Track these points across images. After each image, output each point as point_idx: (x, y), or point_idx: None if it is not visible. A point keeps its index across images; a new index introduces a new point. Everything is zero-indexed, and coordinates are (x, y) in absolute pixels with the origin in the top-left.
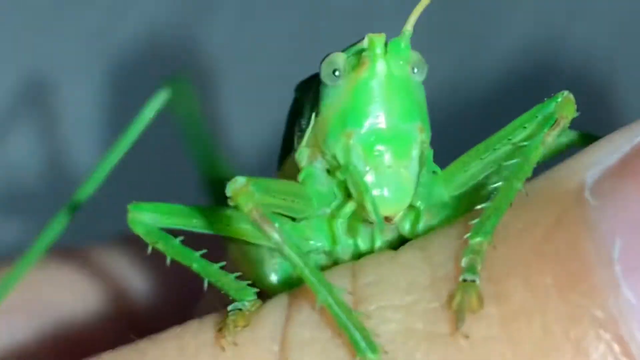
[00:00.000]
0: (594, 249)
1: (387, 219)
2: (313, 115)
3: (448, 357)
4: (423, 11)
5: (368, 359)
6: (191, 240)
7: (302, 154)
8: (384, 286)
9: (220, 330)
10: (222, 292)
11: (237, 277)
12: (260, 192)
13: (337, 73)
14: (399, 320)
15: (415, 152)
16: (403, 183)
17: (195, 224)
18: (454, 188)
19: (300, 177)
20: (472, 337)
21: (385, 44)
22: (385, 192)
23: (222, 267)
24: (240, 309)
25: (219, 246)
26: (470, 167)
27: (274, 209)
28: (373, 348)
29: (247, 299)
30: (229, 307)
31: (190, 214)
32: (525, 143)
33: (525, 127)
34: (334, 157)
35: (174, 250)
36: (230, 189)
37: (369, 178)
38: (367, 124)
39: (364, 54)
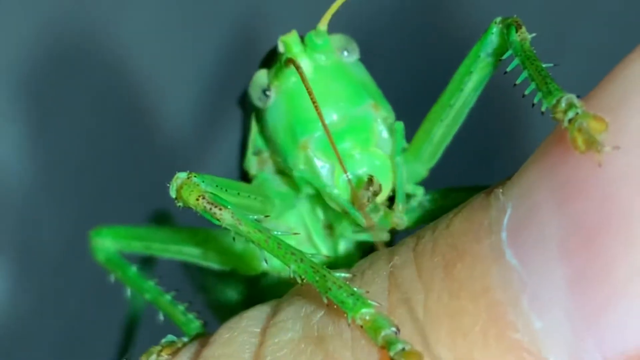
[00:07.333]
0: (486, 221)
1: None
2: (252, 121)
3: (332, 354)
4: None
5: (362, 315)
6: None
7: (250, 162)
8: (298, 296)
9: (143, 355)
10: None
11: (187, 308)
12: (210, 186)
13: (267, 92)
14: (295, 330)
15: (379, 130)
16: (378, 164)
17: (159, 248)
18: (426, 160)
19: (255, 183)
20: (354, 331)
21: (302, 38)
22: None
23: (174, 297)
24: (173, 341)
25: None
26: (435, 133)
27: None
28: (364, 302)
29: (193, 333)
30: (163, 339)
31: (153, 237)
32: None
33: (471, 72)
34: (301, 175)
35: (129, 279)
36: (174, 188)
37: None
38: (317, 125)
39: (283, 58)
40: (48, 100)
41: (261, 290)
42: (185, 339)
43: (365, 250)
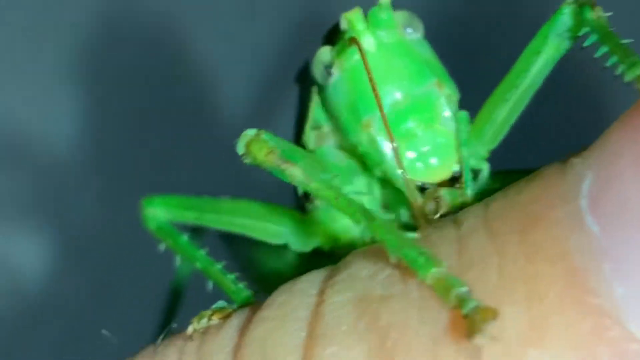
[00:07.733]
0: (563, 187)
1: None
2: (313, 95)
3: (398, 313)
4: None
5: (433, 274)
6: None
7: (309, 136)
8: (358, 257)
9: (195, 319)
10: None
11: (237, 277)
12: (278, 145)
13: (330, 70)
14: (357, 289)
15: (443, 109)
16: (442, 142)
17: (211, 219)
18: (488, 141)
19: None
20: (423, 290)
21: (365, 16)
22: (431, 161)
23: (224, 267)
24: (223, 307)
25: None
26: (498, 113)
27: None
28: (434, 262)
29: (243, 302)
30: (214, 305)
31: (206, 208)
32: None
33: (539, 52)
34: (365, 153)
35: (180, 248)
36: (242, 143)
37: (409, 154)
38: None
39: (346, 36)
40: (102, 70)
41: (312, 268)
42: (235, 306)
43: None
